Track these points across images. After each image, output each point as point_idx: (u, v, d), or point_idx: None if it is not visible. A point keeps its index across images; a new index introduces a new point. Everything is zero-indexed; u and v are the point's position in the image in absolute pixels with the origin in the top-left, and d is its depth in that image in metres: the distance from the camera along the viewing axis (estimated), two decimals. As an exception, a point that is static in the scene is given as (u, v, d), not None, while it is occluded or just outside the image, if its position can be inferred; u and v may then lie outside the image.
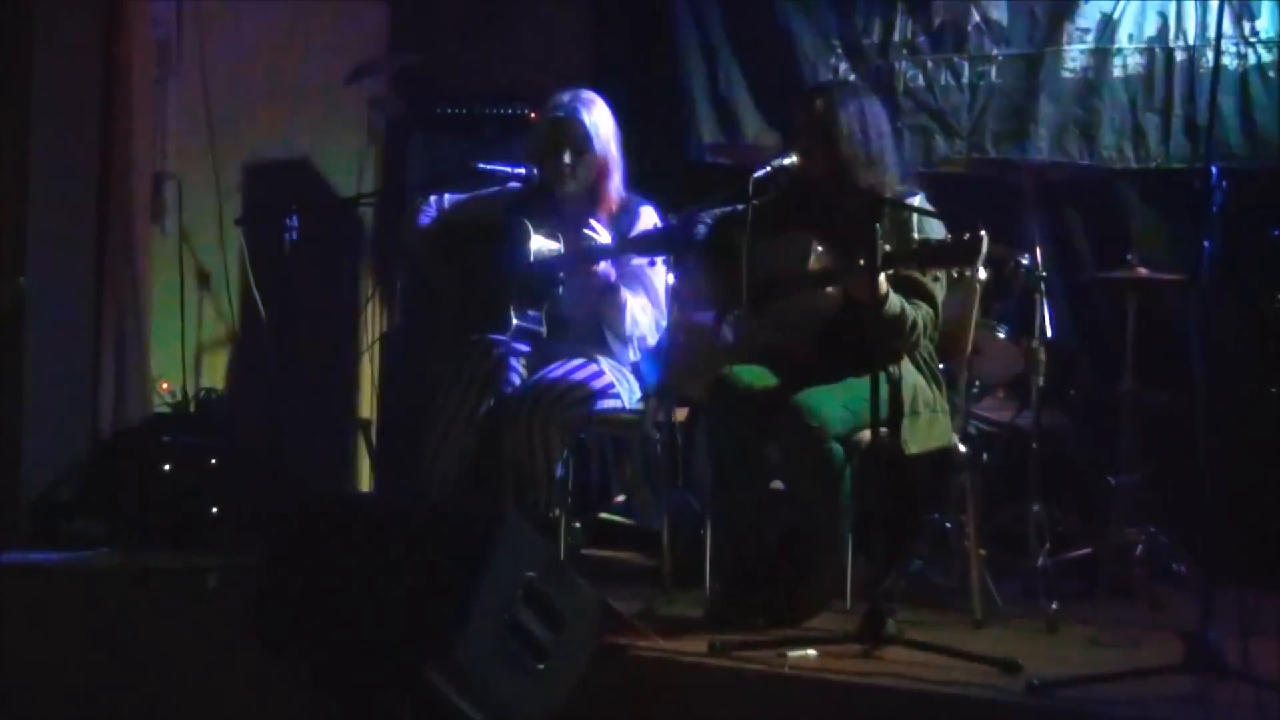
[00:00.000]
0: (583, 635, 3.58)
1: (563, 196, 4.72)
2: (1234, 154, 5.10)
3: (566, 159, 4.66)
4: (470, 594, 3.35)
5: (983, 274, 3.95)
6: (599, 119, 4.69)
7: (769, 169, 4.15)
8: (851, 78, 5.66)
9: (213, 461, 5.26)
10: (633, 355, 4.72)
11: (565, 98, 4.72)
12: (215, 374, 6.02)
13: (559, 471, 4.54)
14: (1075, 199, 5.36)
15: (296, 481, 5.39)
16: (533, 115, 5.39)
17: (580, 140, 4.66)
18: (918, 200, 4.17)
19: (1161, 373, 4.75)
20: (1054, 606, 4.24)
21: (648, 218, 4.69)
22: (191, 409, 5.68)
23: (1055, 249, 5.25)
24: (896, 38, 5.69)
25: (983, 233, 3.75)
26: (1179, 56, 5.25)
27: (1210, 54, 5.16)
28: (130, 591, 4.44)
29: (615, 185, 4.73)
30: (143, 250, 5.61)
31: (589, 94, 4.75)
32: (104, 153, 5.47)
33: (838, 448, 4.01)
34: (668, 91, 6.06)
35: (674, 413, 4.55)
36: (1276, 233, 4.70)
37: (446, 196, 4.92)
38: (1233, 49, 5.14)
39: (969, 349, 4.37)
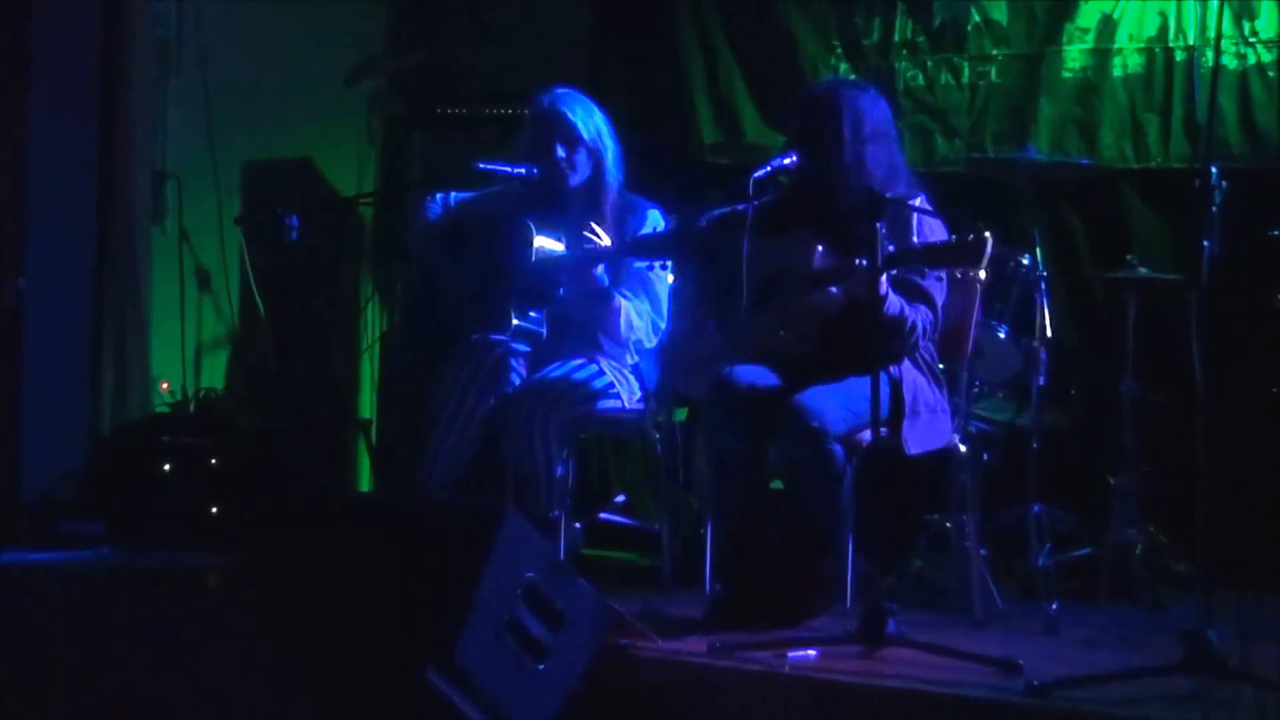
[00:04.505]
0: (583, 635, 3.58)
1: (564, 195, 4.72)
2: (1234, 154, 5.09)
3: (560, 153, 4.67)
4: (470, 594, 3.35)
5: (983, 274, 3.95)
6: (581, 110, 4.71)
7: (769, 169, 4.15)
8: (852, 78, 5.66)
9: (213, 461, 5.26)
10: (630, 358, 4.72)
11: (544, 98, 4.74)
12: (215, 374, 6.03)
13: (559, 471, 4.54)
14: (1075, 199, 5.36)
15: (296, 481, 5.40)
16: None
17: (568, 132, 4.67)
18: (919, 201, 4.17)
19: (1161, 373, 4.75)
20: (1054, 606, 4.24)
21: (653, 221, 4.69)
22: (191, 409, 5.69)
23: (1055, 249, 5.25)
24: (896, 38, 5.69)
25: (987, 233, 3.75)
26: (1179, 56, 5.25)
27: (1210, 54, 5.16)
28: (130, 591, 4.44)
29: (613, 176, 4.73)
30: (143, 250, 5.61)
31: (565, 90, 4.76)
32: (104, 153, 5.47)
33: (838, 448, 4.01)
34: (668, 91, 6.06)
35: (674, 413, 4.55)
36: (1276, 233, 4.70)
37: (452, 195, 4.93)
38: (1233, 49, 5.14)
39: (969, 349, 4.37)
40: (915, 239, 4.10)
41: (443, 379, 4.66)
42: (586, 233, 4.58)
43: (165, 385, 5.73)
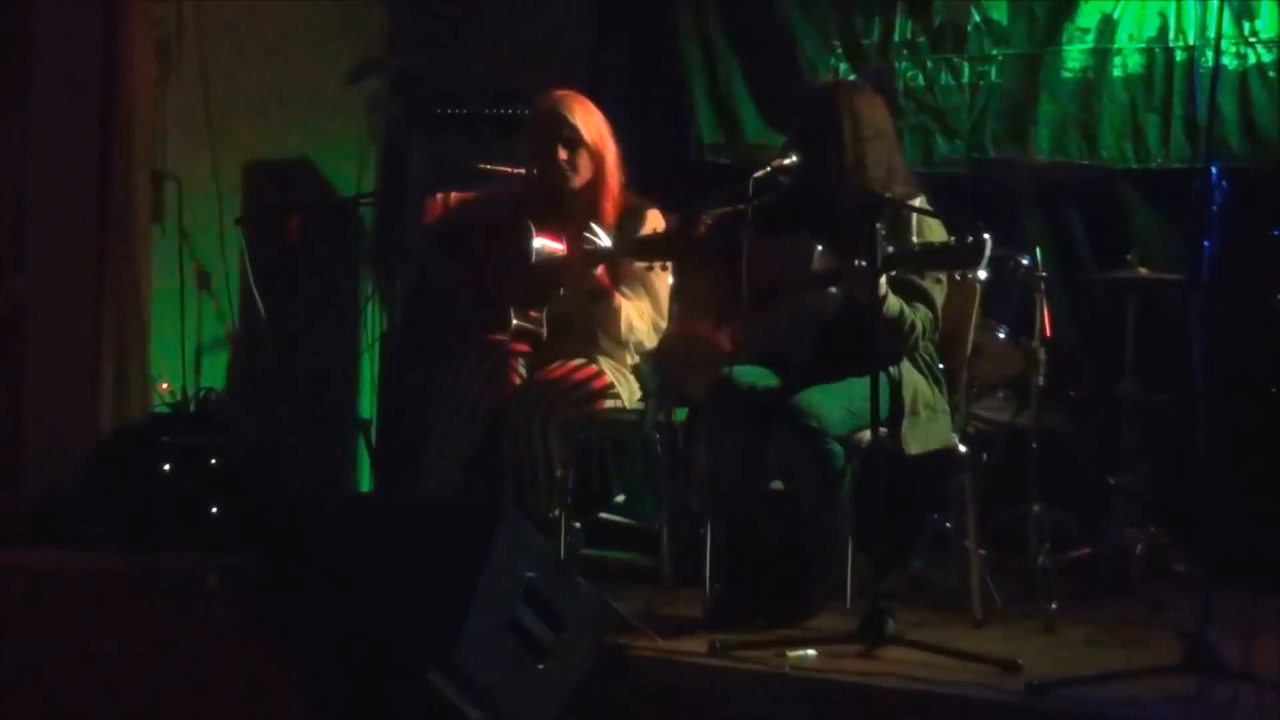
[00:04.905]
0: (583, 635, 3.58)
1: (565, 196, 4.73)
2: (1234, 154, 5.10)
3: (562, 156, 4.67)
4: (470, 594, 3.35)
5: (983, 274, 3.95)
6: (583, 112, 4.71)
7: (769, 169, 4.15)
8: (852, 78, 5.66)
9: (213, 461, 5.26)
10: (630, 359, 4.72)
11: (545, 101, 4.74)
12: (215, 374, 6.02)
13: (559, 471, 4.54)
14: (1075, 199, 5.36)
15: (296, 481, 5.40)
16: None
17: (569, 134, 4.67)
18: (918, 201, 4.17)
19: (1161, 373, 4.75)
20: (1054, 606, 4.24)
21: (653, 221, 4.69)
22: (191, 409, 5.68)
23: (1055, 249, 5.25)
24: (896, 38, 5.69)
25: (986, 236, 3.75)
26: (1179, 56, 5.25)
27: (1210, 54, 5.17)
28: (130, 591, 4.44)
29: (615, 177, 4.73)
30: (143, 250, 5.61)
31: (565, 92, 4.76)
32: (104, 153, 5.47)
33: (838, 448, 4.01)
34: (668, 91, 6.06)
35: (674, 413, 4.55)
36: (1276, 233, 4.70)
37: (452, 195, 4.93)
38: (1233, 49, 5.14)
39: (969, 349, 4.37)
40: (915, 239, 4.10)
41: (443, 379, 4.66)
42: (586, 233, 4.58)
43: (165, 385, 5.73)
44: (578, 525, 4.80)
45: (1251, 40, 5.14)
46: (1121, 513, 4.68)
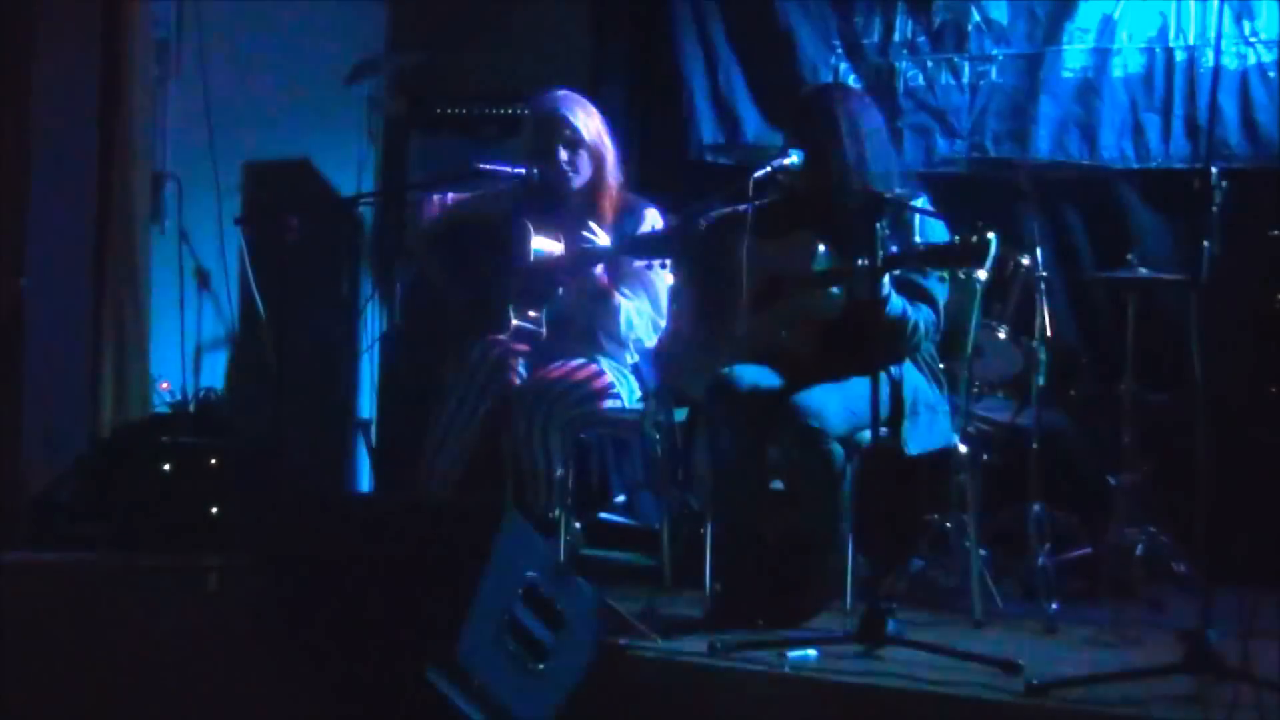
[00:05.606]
0: (583, 635, 3.58)
1: (564, 196, 4.73)
2: (1234, 154, 5.10)
3: (563, 156, 4.68)
4: (470, 594, 3.35)
5: (983, 274, 3.95)
6: (582, 112, 4.72)
7: (769, 169, 4.15)
8: (851, 78, 5.66)
9: (213, 461, 5.25)
10: (630, 358, 4.73)
11: (545, 101, 4.74)
12: (215, 374, 6.02)
13: (559, 471, 4.54)
14: (1075, 199, 5.36)
15: (296, 481, 5.39)
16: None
17: (570, 134, 4.68)
18: (920, 202, 4.17)
19: (1161, 373, 4.75)
20: (1054, 606, 4.24)
21: (651, 220, 4.70)
22: (191, 409, 5.68)
23: (1055, 249, 5.25)
24: (896, 38, 5.69)
25: (991, 235, 3.75)
26: (1179, 56, 5.25)
27: (1210, 54, 5.17)
28: (130, 591, 4.44)
29: (614, 177, 4.73)
30: (143, 250, 5.61)
31: (564, 92, 4.77)
32: (104, 153, 5.46)
33: (838, 448, 4.01)
34: (668, 91, 6.06)
35: (674, 413, 4.55)
36: (1276, 233, 4.70)
37: (449, 195, 4.93)
38: (1233, 49, 5.14)
39: (969, 349, 4.37)
40: (918, 239, 4.10)
41: (443, 379, 4.66)
42: (585, 233, 4.58)
43: (165, 385, 5.73)
44: (578, 525, 4.80)
45: (1251, 40, 5.14)
46: (1121, 513, 4.68)
